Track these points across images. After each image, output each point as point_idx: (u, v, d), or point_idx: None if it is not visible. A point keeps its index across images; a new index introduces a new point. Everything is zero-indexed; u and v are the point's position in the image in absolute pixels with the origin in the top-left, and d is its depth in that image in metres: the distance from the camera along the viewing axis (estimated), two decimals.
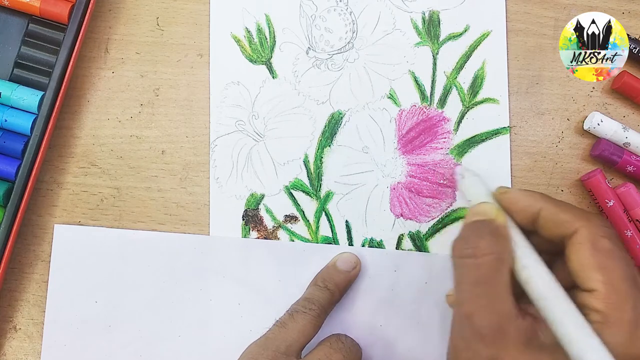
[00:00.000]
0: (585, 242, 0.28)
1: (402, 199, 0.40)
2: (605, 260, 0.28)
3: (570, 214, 0.29)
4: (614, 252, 0.28)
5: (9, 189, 0.36)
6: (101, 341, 0.37)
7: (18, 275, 0.38)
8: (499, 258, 0.29)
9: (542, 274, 0.29)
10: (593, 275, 0.28)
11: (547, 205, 0.30)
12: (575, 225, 0.29)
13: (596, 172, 0.39)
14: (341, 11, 0.41)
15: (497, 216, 0.31)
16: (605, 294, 0.27)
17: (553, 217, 0.30)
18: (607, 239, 0.28)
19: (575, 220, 0.29)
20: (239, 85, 0.40)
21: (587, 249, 0.28)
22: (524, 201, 0.31)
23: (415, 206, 0.40)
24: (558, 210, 0.30)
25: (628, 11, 0.42)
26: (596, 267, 0.28)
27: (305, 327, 0.33)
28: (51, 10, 0.37)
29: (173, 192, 0.39)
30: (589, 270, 0.28)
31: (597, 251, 0.28)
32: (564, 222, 0.29)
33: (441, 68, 0.41)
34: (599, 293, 0.27)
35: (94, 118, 0.39)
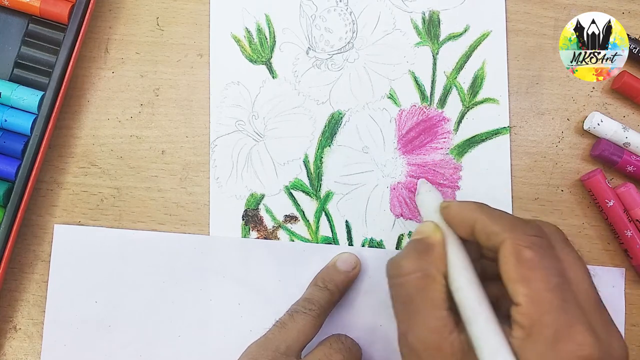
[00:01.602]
0: (510, 254, 0.27)
1: (402, 199, 0.40)
2: (527, 271, 0.27)
3: (499, 225, 0.28)
4: (537, 262, 0.27)
5: (9, 189, 0.36)
6: (101, 341, 0.37)
7: (18, 275, 0.38)
8: (424, 275, 0.29)
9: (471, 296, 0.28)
10: (517, 288, 0.27)
11: (481, 217, 0.29)
12: (502, 237, 0.28)
13: (596, 172, 0.39)
14: (341, 11, 0.41)
15: (433, 234, 0.31)
16: (526, 308, 0.26)
17: (485, 229, 0.29)
18: (530, 248, 0.27)
19: (502, 232, 0.28)
20: (239, 85, 0.40)
21: (511, 261, 0.27)
22: (461, 214, 0.30)
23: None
24: (489, 222, 0.29)
25: (628, 11, 0.42)
26: (519, 279, 0.27)
27: (305, 328, 0.33)
28: (51, 10, 0.37)
29: (173, 192, 0.39)
30: (513, 283, 0.27)
31: (520, 263, 0.27)
32: (493, 234, 0.28)
33: (441, 68, 0.41)
34: (522, 307, 0.26)
35: (94, 118, 0.39)
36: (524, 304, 0.26)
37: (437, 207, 0.32)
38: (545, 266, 0.27)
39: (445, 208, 0.32)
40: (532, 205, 0.40)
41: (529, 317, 0.26)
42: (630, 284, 0.40)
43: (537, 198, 0.40)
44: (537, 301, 0.26)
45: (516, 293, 0.27)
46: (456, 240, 0.31)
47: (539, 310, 0.26)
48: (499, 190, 0.40)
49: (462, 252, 0.30)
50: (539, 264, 0.27)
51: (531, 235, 0.28)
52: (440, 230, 0.31)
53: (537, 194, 0.40)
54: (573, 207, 0.40)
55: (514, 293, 0.27)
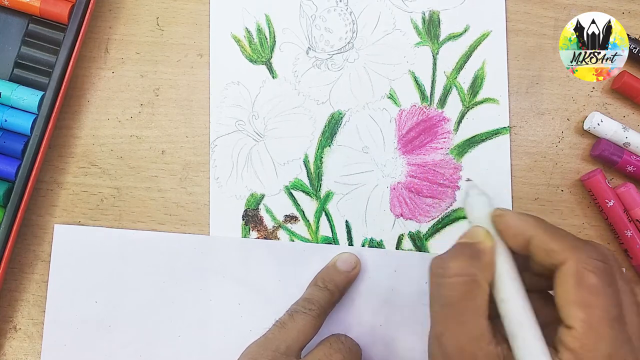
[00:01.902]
0: (571, 275, 0.26)
1: (402, 199, 0.40)
2: (589, 296, 0.26)
3: (560, 244, 0.28)
4: (600, 289, 0.26)
5: (9, 189, 0.36)
6: (101, 341, 0.37)
7: (18, 275, 0.38)
8: (471, 281, 0.28)
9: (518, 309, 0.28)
10: (573, 312, 0.26)
11: (539, 232, 0.29)
12: (564, 256, 0.27)
13: (596, 172, 0.39)
14: (341, 11, 0.41)
15: (485, 240, 0.30)
16: (581, 334, 0.25)
17: (544, 245, 0.28)
18: (594, 273, 0.26)
19: (564, 251, 0.27)
20: (239, 85, 0.40)
21: (572, 284, 0.26)
22: (517, 226, 0.30)
23: (415, 206, 0.40)
24: (549, 239, 0.28)
25: (628, 11, 0.42)
26: (578, 303, 0.26)
27: (305, 327, 0.33)
28: (51, 10, 0.37)
29: (173, 192, 0.39)
30: (570, 306, 0.26)
31: (581, 286, 0.26)
32: (553, 252, 0.28)
33: (441, 68, 0.41)
34: (576, 332, 0.26)
35: (94, 118, 0.39)
36: (579, 328, 0.26)
37: (488, 213, 0.31)
38: (606, 294, 0.26)
39: (498, 217, 0.31)
40: (532, 205, 0.40)
41: (581, 343, 0.25)
42: None
43: (537, 198, 0.40)
44: (593, 328, 0.25)
45: (571, 316, 0.26)
46: (506, 250, 0.30)
47: (593, 337, 0.25)
48: (499, 190, 0.40)
49: (511, 263, 0.29)
50: (601, 291, 0.26)
51: (596, 259, 0.27)
52: (491, 237, 0.30)
53: (537, 194, 0.40)
54: (573, 207, 0.40)
55: (568, 315, 0.26)
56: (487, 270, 0.29)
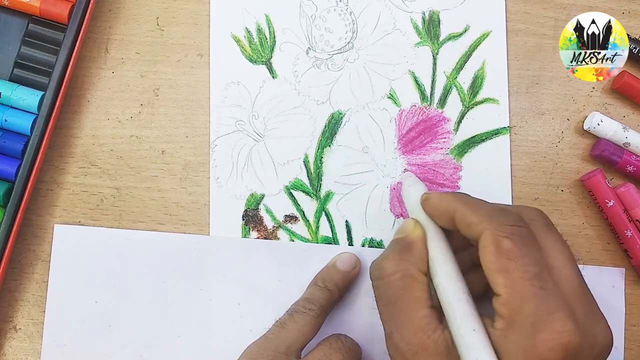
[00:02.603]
0: (489, 244, 0.27)
1: (402, 199, 0.40)
2: (506, 261, 0.26)
3: (476, 215, 0.28)
4: (516, 252, 0.26)
5: (9, 189, 0.36)
6: (101, 341, 0.37)
7: (18, 275, 0.38)
8: (405, 275, 0.29)
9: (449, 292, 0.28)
10: (497, 279, 0.26)
11: (460, 207, 0.29)
12: (481, 227, 0.28)
13: (596, 172, 0.39)
14: (341, 11, 0.41)
15: (412, 231, 0.31)
16: (506, 299, 0.26)
17: (464, 219, 0.29)
18: (509, 238, 0.27)
19: (480, 222, 0.28)
20: (239, 85, 0.40)
21: (490, 252, 0.27)
22: (440, 205, 0.30)
23: None
24: (467, 212, 0.29)
25: (628, 11, 0.42)
26: (498, 270, 0.26)
27: (304, 327, 0.33)
28: (51, 10, 0.37)
29: (173, 192, 0.39)
30: (493, 274, 0.27)
31: (498, 253, 0.27)
32: (473, 224, 0.28)
33: (441, 68, 0.41)
34: (502, 298, 0.26)
35: (94, 118, 0.39)
36: (503, 294, 0.26)
37: (419, 199, 0.32)
38: (523, 255, 0.26)
39: (425, 200, 0.32)
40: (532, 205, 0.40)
41: (508, 307, 0.26)
42: (630, 284, 0.40)
43: (537, 198, 0.40)
44: (516, 291, 0.26)
45: (496, 284, 0.27)
46: (437, 234, 0.31)
47: (518, 300, 0.26)
48: (499, 190, 0.40)
49: (442, 246, 0.30)
50: (518, 254, 0.26)
51: (510, 224, 0.27)
52: (420, 226, 0.31)
53: (537, 194, 0.40)
54: (573, 207, 0.40)
55: (494, 284, 0.27)
56: (419, 261, 0.30)
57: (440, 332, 0.28)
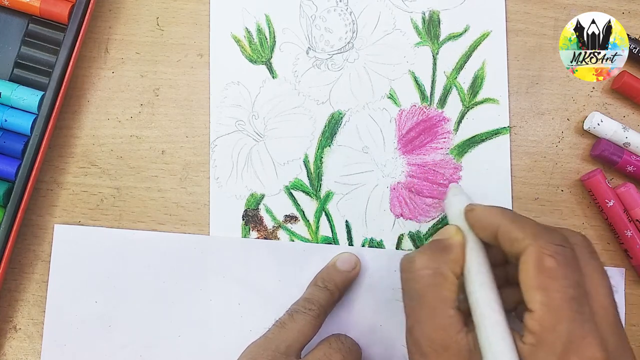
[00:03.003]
0: (531, 261, 0.27)
1: (402, 199, 0.40)
2: (547, 280, 0.26)
3: (521, 232, 0.28)
4: (558, 271, 0.26)
5: (9, 189, 0.36)
6: (101, 341, 0.37)
7: (18, 275, 0.38)
8: (436, 273, 0.29)
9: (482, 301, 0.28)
10: (534, 295, 0.27)
11: (504, 222, 0.29)
12: (525, 243, 0.28)
13: (596, 172, 0.39)
14: (341, 11, 0.41)
15: (453, 236, 0.31)
16: (540, 316, 0.26)
17: (508, 234, 0.29)
18: (553, 257, 0.27)
19: (525, 238, 0.28)
20: (239, 85, 0.40)
21: (531, 268, 0.27)
22: (485, 218, 0.30)
23: (415, 206, 0.40)
24: (512, 228, 0.29)
25: (628, 11, 0.42)
26: (537, 287, 0.27)
27: (304, 327, 0.33)
28: (51, 10, 0.37)
29: (173, 192, 0.39)
30: (531, 290, 0.27)
31: (540, 270, 0.27)
32: (516, 240, 0.28)
33: (441, 68, 0.41)
34: (536, 314, 0.26)
35: (94, 118, 0.39)
36: (537, 310, 0.26)
37: (462, 210, 0.32)
38: (565, 276, 0.26)
39: (469, 211, 0.32)
40: (532, 205, 0.40)
41: (540, 325, 0.26)
42: (630, 284, 0.40)
43: (537, 198, 0.40)
44: (552, 309, 0.26)
45: (531, 300, 0.27)
46: (477, 245, 0.31)
47: (552, 318, 0.26)
48: (499, 190, 0.40)
49: (481, 256, 0.30)
50: (560, 274, 0.26)
51: (556, 244, 0.27)
52: (461, 233, 0.31)
53: (537, 194, 0.40)
54: (573, 207, 0.40)
55: (529, 299, 0.27)
56: (454, 263, 0.30)
57: (463, 335, 0.27)
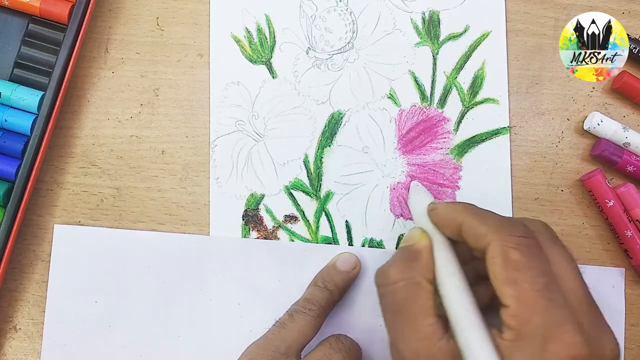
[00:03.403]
0: (497, 255, 0.27)
1: (402, 199, 0.40)
2: (514, 272, 0.26)
3: (485, 226, 0.28)
4: (524, 263, 0.26)
5: (9, 189, 0.36)
6: (101, 341, 0.37)
7: (18, 275, 0.38)
8: (410, 283, 0.29)
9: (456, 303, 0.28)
10: (505, 290, 0.26)
11: (468, 218, 0.29)
12: (489, 238, 0.28)
13: (596, 172, 0.39)
14: (341, 11, 0.41)
15: (419, 240, 0.31)
16: (514, 310, 0.26)
17: (471, 230, 0.29)
18: (516, 249, 0.27)
19: (488, 233, 0.28)
20: (239, 85, 0.40)
21: (498, 263, 0.27)
22: (448, 215, 0.30)
23: None
24: (476, 223, 0.29)
25: (628, 11, 0.42)
26: (506, 281, 0.26)
27: (304, 328, 0.33)
28: (51, 10, 0.37)
29: (173, 192, 0.39)
30: (501, 285, 0.27)
31: (507, 264, 0.27)
32: (480, 236, 0.28)
33: (441, 68, 0.41)
34: (510, 309, 0.26)
35: (94, 118, 0.39)
36: (511, 305, 0.26)
37: (425, 209, 0.32)
38: (532, 266, 0.26)
39: (432, 210, 0.32)
40: (532, 205, 0.40)
41: (517, 319, 0.26)
42: (630, 284, 0.40)
43: (537, 198, 0.40)
44: (525, 302, 0.26)
45: (504, 295, 0.26)
46: (444, 244, 0.30)
47: (527, 311, 0.26)
48: (499, 190, 0.40)
49: (450, 257, 0.30)
50: (526, 265, 0.26)
51: (517, 235, 0.27)
52: (426, 235, 0.31)
53: (537, 194, 0.40)
54: (573, 207, 0.40)
55: (501, 295, 0.27)
56: (425, 269, 0.30)
57: (445, 342, 0.27)
